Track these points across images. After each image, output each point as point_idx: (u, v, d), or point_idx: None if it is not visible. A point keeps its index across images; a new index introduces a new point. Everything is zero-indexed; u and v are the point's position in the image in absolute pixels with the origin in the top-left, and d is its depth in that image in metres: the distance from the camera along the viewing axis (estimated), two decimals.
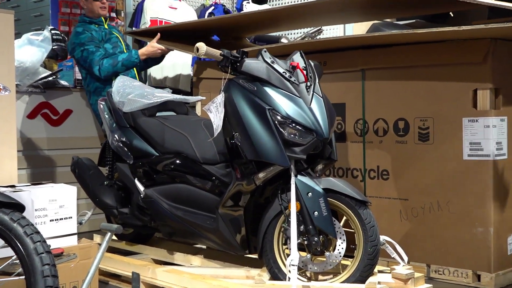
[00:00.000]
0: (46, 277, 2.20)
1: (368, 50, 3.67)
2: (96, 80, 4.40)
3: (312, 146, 2.97)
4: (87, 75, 4.44)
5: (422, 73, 3.50)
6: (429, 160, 3.47)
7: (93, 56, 4.31)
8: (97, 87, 4.41)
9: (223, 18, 4.94)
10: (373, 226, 2.92)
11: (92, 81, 4.42)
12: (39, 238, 2.23)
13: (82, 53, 4.35)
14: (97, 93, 4.41)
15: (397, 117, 3.59)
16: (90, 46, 4.35)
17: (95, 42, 4.39)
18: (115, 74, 4.29)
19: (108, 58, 4.30)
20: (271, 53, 3.09)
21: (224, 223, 3.19)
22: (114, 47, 4.49)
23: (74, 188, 3.33)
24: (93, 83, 4.42)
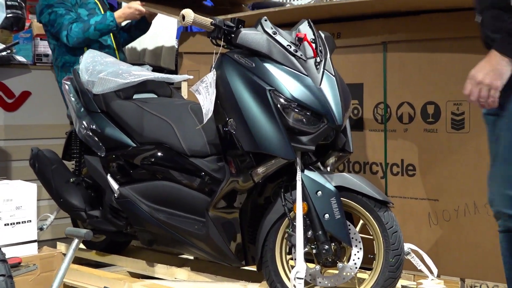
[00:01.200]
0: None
1: (391, 18, 3.68)
2: (66, 52, 4.39)
3: (323, 135, 2.99)
4: (56, 47, 4.44)
5: (456, 46, 3.50)
6: (465, 153, 3.48)
7: (61, 19, 4.29)
8: (66, 62, 4.40)
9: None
10: (395, 232, 2.94)
11: (61, 53, 4.41)
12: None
13: (49, 16, 4.33)
14: (66, 69, 4.40)
15: (425, 101, 3.61)
16: (60, 9, 4.32)
17: (66, 5, 4.37)
18: (86, 42, 4.28)
19: (78, 22, 4.29)
20: (273, 22, 3.10)
21: (216, 228, 3.21)
22: (90, 14, 4.47)
23: (34, 185, 3.35)
24: (62, 56, 4.41)
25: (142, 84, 3.70)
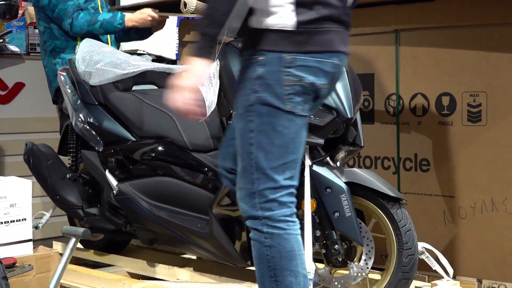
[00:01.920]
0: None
1: (404, 5, 3.67)
2: (58, 37, 4.38)
3: (332, 128, 2.98)
4: (47, 30, 4.42)
5: (472, 35, 3.50)
6: (481, 146, 3.48)
7: (64, 5, 4.26)
8: (56, 47, 4.38)
9: None
10: (409, 230, 2.94)
11: (53, 37, 4.39)
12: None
13: (50, 0, 4.32)
14: (55, 54, 4.39)
15: (440, 92, 3.60)
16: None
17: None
18: (88, 35, 4.28)
19: (85, 13, 4.27)
20: None
21: (220, 227, 3.21)
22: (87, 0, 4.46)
23: (29, 182, 3.35)
24: (53, 40, 4.40)
25: (142, 75, 3.69)
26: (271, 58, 2.31)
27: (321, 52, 2.33)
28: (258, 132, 2.32)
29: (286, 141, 2.31)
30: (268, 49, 2.32)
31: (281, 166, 2.31)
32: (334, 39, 2.35)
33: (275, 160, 2.30)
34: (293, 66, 2.29)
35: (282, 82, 2.29)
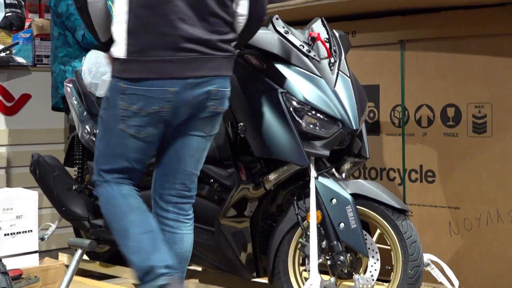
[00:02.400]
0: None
1: (409, 16, 3.68)
2: (71, 45, 4.40)
3: (337, 139, 2.99)
4: (61, 36, 4.44)
5: (477, 46, 3.50)
6: (487, 158, 3.48)
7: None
8: (67, 54, 4.41)
9: None
10: (414, 241, 2.94)
11: (66, 44, 4.41)
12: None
13: (68, 8, 4.34)
14: (65, 61, 4.41)
15: (445, 103, 3.61)
16: None
17: None
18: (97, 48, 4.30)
19: None
20: (285, 20, 3.11)
21: (225, 238, 3.22)
22: None
23: (35, 193, 3.36)
24: (66, 47, 4.42)
25: None
26: (113, 83, 2.61)
27: (150, 79, 2.52)
28: (99, 138, 2.74)
29: (114, 152, 2.69)
30: (112, 75, 2.62)
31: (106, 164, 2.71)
32: (166, 67, 2.52)
33: (103, 162, 2.71)
34: (125, 93, 2.55)
35: (117, 106, 2.59)
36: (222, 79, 2.63)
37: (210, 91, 2.60)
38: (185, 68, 2.54)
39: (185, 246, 2.75)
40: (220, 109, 2.69)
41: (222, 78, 2.64)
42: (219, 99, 2.65)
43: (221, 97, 2.65)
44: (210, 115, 2.66)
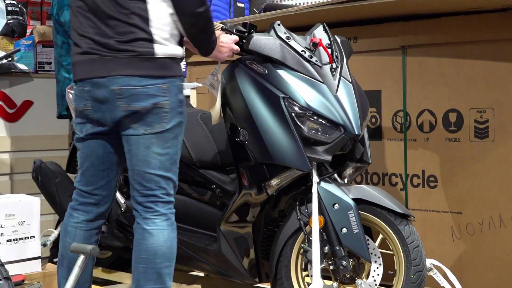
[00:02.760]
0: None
1: (411, 21, 3.69)
2: None
3: (339, 145, 3.00)
4: (64, 44, 4.45)
5: (479, 51, 3.51)
6: (489, 163, 3.48)
7: None
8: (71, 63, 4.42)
9: None
10: (417, 246, 2.94)
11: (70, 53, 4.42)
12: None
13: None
14: (69, 70, 4.42)
15: (447, 108, 3.61)
16: None
17: None
18: None
19: None
20: (287, 26, 3.12)
21: (228, 244, 3.22)
22: None
23: (37, 200, 3.37)
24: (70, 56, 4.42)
25: None
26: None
27: (75, 81, 2.86)
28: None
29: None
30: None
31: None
32: (80, 69, 2.83)
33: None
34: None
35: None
36: (124, 78, 2.72)
37: (114, 90, 2.73)
38: (90, 69, 2.77)
39: (156, 241, 2.77)
40: (134, 107, 2.74)
41: (125, 77, 2.72)
42: (127, 97, 2.73)
43: (128, 95, 2.73)
44: (129, 114, 2.75)
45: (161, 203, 2.82)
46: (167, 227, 2.81)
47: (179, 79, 2.83)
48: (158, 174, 2.79)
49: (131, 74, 2.73)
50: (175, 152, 2.83)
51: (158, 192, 2.80)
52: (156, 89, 2.75)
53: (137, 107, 2.73)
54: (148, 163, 2.79)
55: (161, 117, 2.77)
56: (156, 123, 2.76)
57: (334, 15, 3.69)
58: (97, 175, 2.92)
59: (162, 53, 2.75)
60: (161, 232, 2.80)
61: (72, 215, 2.94)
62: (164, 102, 2.75)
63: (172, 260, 2.82)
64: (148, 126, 2.76)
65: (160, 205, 2.81)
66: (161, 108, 2.75)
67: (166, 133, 2.79)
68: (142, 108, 2.74)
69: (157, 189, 2.80)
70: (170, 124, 2.79)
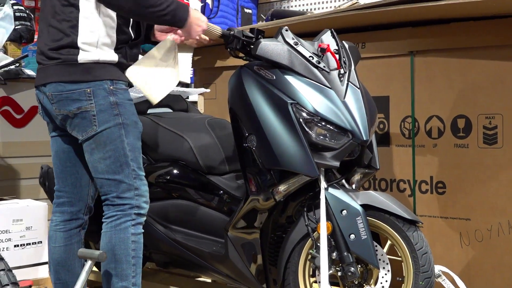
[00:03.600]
0: None
1: (419, 28, 3.68)
2: None
3: (347, 150, 3.00)
4: None
5: (487, 56, 3.50)
6: (498, 169, 3.48)
7: None
8: None
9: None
10: (425, 253, 2.93)
11: None
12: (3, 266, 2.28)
13: None
14: None
15: (455, 114, 3.61)
16: None
17: None
18: None
19: None
20: (294, 32, 3.12)
21: (235, 250, 3.22)
22: None
23: (44, 205, 3.37)
24: None
25: None
26: None
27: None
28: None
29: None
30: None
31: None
32: (37, 76, 2.97)
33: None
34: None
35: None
36: (54, 84, 2.87)
37: (48, 96, 2.91)
38: (37, 78, 2.96)
39: (101, 244, 2.94)
40: (64, 112, 2.89)
41: (54, 83, 2.87)
42: (56, 102, 2.89)
43: (57, 101, 2.88)
44: (63, 118, 2.91)
45: (112, 206, 2.93)
46: (110, 229, 2.92)
47: (109, 82, 2.89)
48: (106, 177, 2.91)
49: (58, 81, 2.87)
50: (120, 154, 2.89)
51: (110, 196, 2.92)
52: (79, 93, 2.86)
53: (65, 111, 2.88)
54: (95, 168, 2.93)
55: (90, 121, 2.88)
56: (87, 127, 2.88)
57: (342, 21, 3.69)
58: (65, 171, 3.06)
59: (85, 59, 2.86)
60: (104, 235, 2.94)
61: (52, 220, 3.06)
62: (89, 105, 2.86)
63: (117, 262, 2.89)
64: (83, 131, 2.90)
65: (112, 208, 2.93)
66: (87, 112, 2.86)
67: (101, 136, 2.88)
68: (69, 113, 2.87)
69: (109, 193, 2.93)
70: (102, 126, 2.87)
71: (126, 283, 2.89)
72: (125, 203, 2.91)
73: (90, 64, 2.86)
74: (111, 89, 2.89)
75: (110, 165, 2.89)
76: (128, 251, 2.90)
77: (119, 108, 2.90)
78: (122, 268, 2.89)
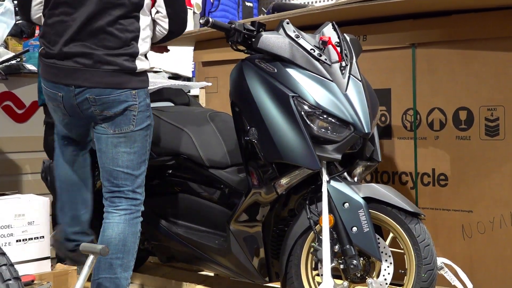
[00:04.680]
0: None
1: (420, 20, 3.68)
2: None
3: (349, 143, 2.99)
4: None
5: (489, 48, 3.50)
6: (500, 161, 3.47)
7: None
8: None
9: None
10: (427, 245, 2.93)
11: None
12: (5, 261, 2.27)
13: None
14: None
15: (457, 106, 3.60)
16: None
17: None
18: None
19: None
20: (296, 25, 3.12)
21: (238, 243, 3.22)
22: None
23: (46, 200, 3.37)
24: None
25: (158, 92, 3.72)
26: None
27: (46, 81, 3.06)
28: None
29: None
30: None
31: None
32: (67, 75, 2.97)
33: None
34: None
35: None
36: (101, 89, 2.95)
37: (88, 97, 2.96)
38: (69, 77, 2.96)
39: (109, 234, 3.00)
40: (109, 113, 2.98)
41: (103, 88, 2.95)
42: (102, 104, 2.96)
43: (103, 103, 2.96)
44: (102, 118, 3.00)
45: (125, 199, 3.03)
46: (124, 221, 3.01)
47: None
48: (125, 171, 3.03)
49: (111, 87, 2.98)
50: (143, 152, 3.07)
51: (125, 189, 3.04)
52: (126, 95, 2.99)
53: (110, 113, 3.00)
54: (115, 160, 3.04)
55: (130, 119, 3.03)
56: (125, 125, 3.02)
57: (343, 14, 3.69)
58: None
59: (141, 69, 3.04)
60: (116, 225, 3.00)
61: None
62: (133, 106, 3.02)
63: (125, 253, 2.99)
64: (118, 127, 3.03)
65: (124, 201, 3.03)
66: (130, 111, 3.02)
67: (133, 134, 3.03)
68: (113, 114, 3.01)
69: (123, 186, 3.04)
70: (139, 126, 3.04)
71: (128, 274, 3.00)
72: (138, 198, 3.04)
73: (143, 72, 3.06)
74: (147, 92, 3.09)
75: (132, 160, 3.02)
76: (136, 245, 3.03)
77: (150, 110, 3.09)
78: (128, 260, 3.00)
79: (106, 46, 2.92)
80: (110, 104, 2.95)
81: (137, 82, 2.99)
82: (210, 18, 3.04)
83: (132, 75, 2.97)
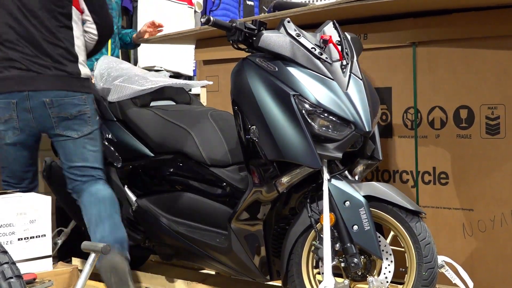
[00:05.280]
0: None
1: (421, 18, 3.68)
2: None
3: (350, 142, 2.99)
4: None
5: (490, 47, 3.50)
6: (500, 159, 3.47)
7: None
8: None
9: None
10: (428, 243, 2.94)
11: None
12: (7, 259, 2.27)
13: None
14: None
15: (458, 105, 3.60)
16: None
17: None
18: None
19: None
20: (296, 23, 3.12)
21: (239, 242, 3.22)
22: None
23: (48, 198, 3.37)
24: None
25: (160, 91, 3.72)
26: None
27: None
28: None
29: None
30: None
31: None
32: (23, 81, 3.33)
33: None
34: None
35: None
36: (56, 92, 3.36)
37: (45, 100, 3.35)
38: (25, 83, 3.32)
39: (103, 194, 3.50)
40: (65, 114, 3.41)
41: (57, 91, 3.36)
42: (58, 106, 3.37)
43: (59, 104, 3.37)
44: (58, 120, 3.41)
45: (99, 179, 3.52)
46: (104, 184, 3.51)
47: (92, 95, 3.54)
48: (93, 166, 3.53)
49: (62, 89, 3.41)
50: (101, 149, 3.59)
51: (96, 174, 3.53)
52: (78, 99, 3.44)
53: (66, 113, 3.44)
54: (85, 157, 3.52)
55: (86, 122, 3.48)
56: (84, 126, 3.49)
57: (344, 13, 3.68)
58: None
59: (85, 75, 3.49)
60: (102, 190, 3.47)
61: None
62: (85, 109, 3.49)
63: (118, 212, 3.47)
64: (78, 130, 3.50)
65: (98, 178, 3.52)
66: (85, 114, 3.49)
67: (93, 134, 3.51)
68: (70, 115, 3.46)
69: (94, 174, 3.53)
70: (95, 126, 3.51)
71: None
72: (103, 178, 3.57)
73: (86, 78, 3.48)
74: (94, 100, 3.55)
75: (97, 156, 3.52)
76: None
77: (97, 115, 3.59)
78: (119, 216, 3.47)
79: (45, 53, 3.34)
80: (66, 106, 3.39)
81: (81, 87, 3.46)
82: (211, 16, 3.04)
83: (77, 80, 3.45)
